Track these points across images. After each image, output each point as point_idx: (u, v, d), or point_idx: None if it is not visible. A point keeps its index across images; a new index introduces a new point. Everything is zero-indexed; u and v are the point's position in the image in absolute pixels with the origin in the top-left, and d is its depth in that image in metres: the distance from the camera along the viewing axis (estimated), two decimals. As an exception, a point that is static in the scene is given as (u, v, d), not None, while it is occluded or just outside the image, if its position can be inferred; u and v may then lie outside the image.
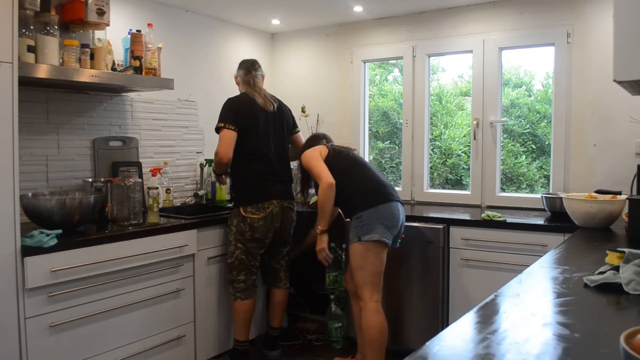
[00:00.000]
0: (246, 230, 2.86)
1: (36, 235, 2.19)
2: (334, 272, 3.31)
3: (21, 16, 2.27)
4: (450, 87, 4.41)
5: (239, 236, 2.87)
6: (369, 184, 2.76)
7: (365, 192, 2.73)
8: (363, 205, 2.68)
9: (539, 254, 2.54)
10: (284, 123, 3.11)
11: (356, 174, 2.81)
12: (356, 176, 2.79)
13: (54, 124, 2.88)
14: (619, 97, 2.98)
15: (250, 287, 2.94)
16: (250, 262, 2.92)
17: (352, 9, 3.66)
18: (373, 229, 2.63)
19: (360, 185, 2.76)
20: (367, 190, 2.73)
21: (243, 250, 2.88)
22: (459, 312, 2.93)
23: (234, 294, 2.93)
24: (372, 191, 2.73)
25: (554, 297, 1.41)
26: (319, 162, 2.77)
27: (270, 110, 3.00)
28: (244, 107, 2.92)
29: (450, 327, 1.17)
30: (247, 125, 2.89)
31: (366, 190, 2.74)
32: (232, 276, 2.92)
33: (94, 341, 2.39)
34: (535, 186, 3.97)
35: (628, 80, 1.80)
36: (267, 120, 2.98)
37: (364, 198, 2.71)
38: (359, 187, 2.75)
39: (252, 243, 2.89)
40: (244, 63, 3.11)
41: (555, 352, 1.02)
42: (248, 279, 2.93)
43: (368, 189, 2.74)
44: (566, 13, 3.22)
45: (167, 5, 3.51)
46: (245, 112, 2.90)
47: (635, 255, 1.56)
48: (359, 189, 2.75)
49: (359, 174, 2.81)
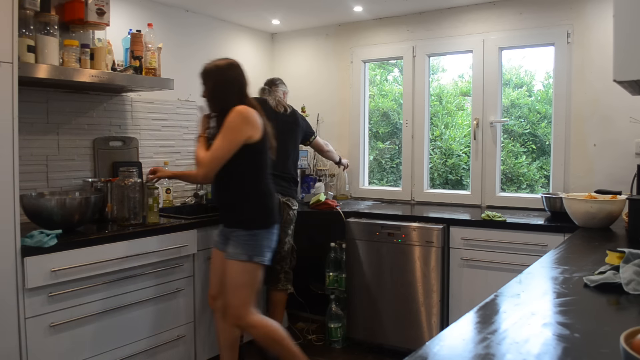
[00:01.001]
0: None
1: (36, 235, 2.19)
2: (334, 272, 3.31)
3: (21, 16, 2.27)
4: (450, 87, 4.41)
5: None
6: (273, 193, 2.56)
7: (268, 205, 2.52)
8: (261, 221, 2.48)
9: (539, 254, 2.54)
10: (294, 126, 3.21)
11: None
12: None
13: (54, 124, 2.88)
14: (619, 97, 2.98)
15: None
16: None
17: (352, 9, 3.66)
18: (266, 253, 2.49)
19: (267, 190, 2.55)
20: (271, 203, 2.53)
21: None
22: (459, 312, 2.93)
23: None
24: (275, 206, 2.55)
25: (554, 297, 1.41)
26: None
27: (279, 112, 3.07)
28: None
29: (450, 327, 1.17)
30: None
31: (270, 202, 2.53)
32: None
33: (94, 341, 2.38)
34: (535, 186, 3.97)
35: (628, 80, 1.80)
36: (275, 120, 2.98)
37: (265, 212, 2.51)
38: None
39: None
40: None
41: (555, 352, 1.02)
42: None
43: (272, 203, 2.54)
44: (566, 13, 3.22)
45: (167, 5, 3.51)
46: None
47: (635, 255, 1.56)
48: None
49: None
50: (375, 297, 3.17)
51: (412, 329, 3.06)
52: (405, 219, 3.15)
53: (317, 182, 3.88)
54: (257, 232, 2.43)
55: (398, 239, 3.08)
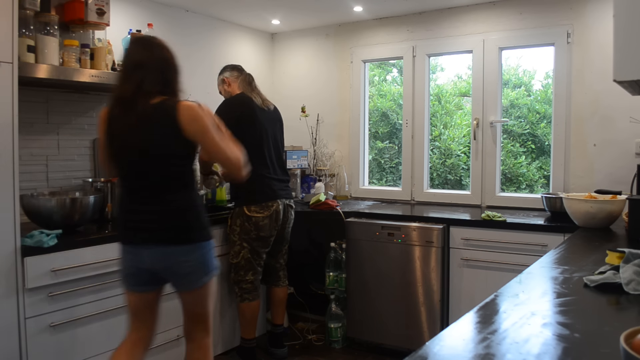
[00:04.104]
0: (251, 229, 2.86)
1: (36, 235, 2.19)
2: (334, 272, 3.32)
3: (21, 16, 2.27)
4: (449, 87, 4.41)
5: (244, 235, 2.87)
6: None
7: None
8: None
9: (539, 254, 2.54)
10: (280, 123, 3.16)
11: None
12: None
13: (54, 124, 2.88)
14: (618, 97, 2.98)
15: (257, 288, 2.96)
16: (256, 261, 2.93)
17: (352, 9, 3.66)
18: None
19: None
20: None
21: (249, 249, 2.89)
22: (459, 312, 2.93)
23: (241, 295, 2.93)
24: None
25: (553, 297, 1.41)
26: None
27: (268, 110, 3.03)
28: (242, 106, 2.93)
29: (450, 327, 1.17)
30: (246, 125, 2.89)
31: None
32: (239, 277, 2.92)
33: (94, 341, 2.39)
34: (535, 186, 3.97)
35: (628, 80, 1.80)
36: (266, 119, 2.99)
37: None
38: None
39: (258, 242, 2.89)
40: (231, 66, 3.15)
41: (555, 352, 1.02)
42: (255, 279, 2.94)
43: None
44: (566, 13, 3.22)
45: (167, 5, 3.51)
46: (245, 113, 2.90)
47: (635, 255, 1.56)
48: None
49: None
50: (375, 297, 3.17)
51: (412, 329, 3.06)
52: (405, 219, 3.15)
53: (317, 182, 3.89)
54: None
55: (398, 239, 3.08)
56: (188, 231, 1.96)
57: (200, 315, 2.09)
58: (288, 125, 3.45)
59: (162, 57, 1.99)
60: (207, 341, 2.13)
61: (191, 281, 2.01)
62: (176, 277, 2.00)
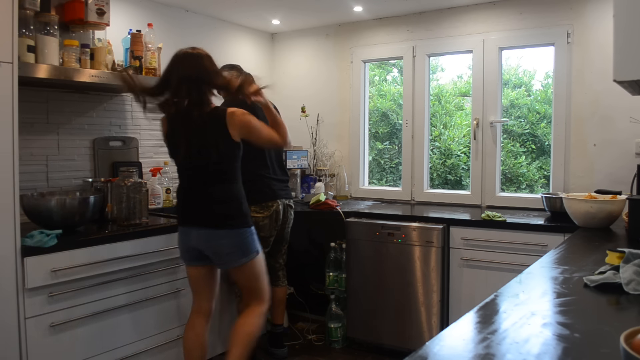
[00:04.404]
0: None
1: (36, 235, 2.19)
2: (334, 272, 3.32)
3: (21, 16, 2.27)
4: (449, 87, 4.41)
5: None
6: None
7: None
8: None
9: (539, 254, 2.54)
10: None
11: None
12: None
13: (54, 124, 2.88)
14: (618, 97, 2.98)
15: None
16: None
17: (352, 9, 3.66)
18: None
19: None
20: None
21: None
22: (459, 312, 2.93)
23: (240, 295, 2.92)
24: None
25: (553, 297, 1.41)
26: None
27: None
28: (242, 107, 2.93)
29: (450, 327, 1.17)
30: None
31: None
32: None
33: (94, 341, 2.38)
34: (535, 186, 3.97)
35: (628, 80, 1.80)
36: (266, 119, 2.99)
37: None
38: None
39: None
40: (230, 66, 3.16)
41: (555, 352, 1.02)
42: None
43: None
44: (566, 13, 3.22)
45: (167, 5, 3.51)
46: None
47: (635, 255, 1.56)
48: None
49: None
50: (375, 297, 3.17)
51: (412, 329, 3.06)
52: (405, 219, 3.15)
53: (317, 182, 3.89)
54: None
55: (398, 239, 3.08)
56: (229, 218, 2.32)
57: (249, 288, 2.48)
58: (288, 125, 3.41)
59: (204, 70, 2.31)
60: (258, 309, 2.50)
61: (229, 261, 2.37)
62: (217, 256, 2.37)
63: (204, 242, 2.34)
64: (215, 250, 2.34)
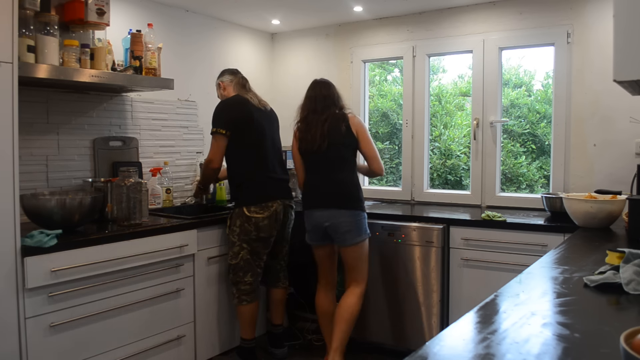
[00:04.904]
0: (251, 230, 2.85)
1: (36, 235, 2.19)
2: (334, 272, 3.31)
3: (21, 16, 2.27)
4: (449, 87, 4.41)
5: (244, 236, 2.87)
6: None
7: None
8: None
9: (539, 254, 2.54)
10: (276, 124, 3.16)
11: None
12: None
13: (54, 124, 2.88)
14: (619, 97, 2.98)
15: (256, 290, 2.94)
16: (256, 262, 2.92)
17: (352, 9, 3.66)
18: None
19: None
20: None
21: (249, 250, 2.88)
22: (459, 312, 2.93)
23: (239, 296, 2.92)
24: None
25: (554, 297, 1.41)
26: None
27: (265, 110, 3.04)
28: (239, 107, 2.93)
29: (450, 327, 1.17)
30: (244, 126, 2.90)
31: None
32: (238, 277, 2.91)
33: (94, 341, 2.39)
34: (535, 186, 3.97)
35: (628, 80, 1.80)
36: (264, 119, 2.99)
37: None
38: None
39: (258, 243, 2.89)
40: (227, 71, 3.14)
41: (555, 352, 1.02)
42: (255, 281, 2.93)
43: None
44: (566, 13, 3.22)
45: (167, 5, 3.51)
46: (241, 113, 2.91)
47: (635, 255, 1.56)
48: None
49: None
50: (375, 297, 3.17)
51: (412, 329, 3.06)
52: (405, 219, 3.15)
53: (317, 182, 3.87)
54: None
55: (398, 239, 3.08)
56: (350, 200, 2.78)
57: (355, 267, 2.85)
58: (288, 125, 3.44)
59: (334, 92, 2.94)
60: (358, 290, 2.86)
61: (347, 238, 2.77)
62: (337, 233, 2.78)
63: (327, 220, 2.77)
64: (336, 228, 2.76)
